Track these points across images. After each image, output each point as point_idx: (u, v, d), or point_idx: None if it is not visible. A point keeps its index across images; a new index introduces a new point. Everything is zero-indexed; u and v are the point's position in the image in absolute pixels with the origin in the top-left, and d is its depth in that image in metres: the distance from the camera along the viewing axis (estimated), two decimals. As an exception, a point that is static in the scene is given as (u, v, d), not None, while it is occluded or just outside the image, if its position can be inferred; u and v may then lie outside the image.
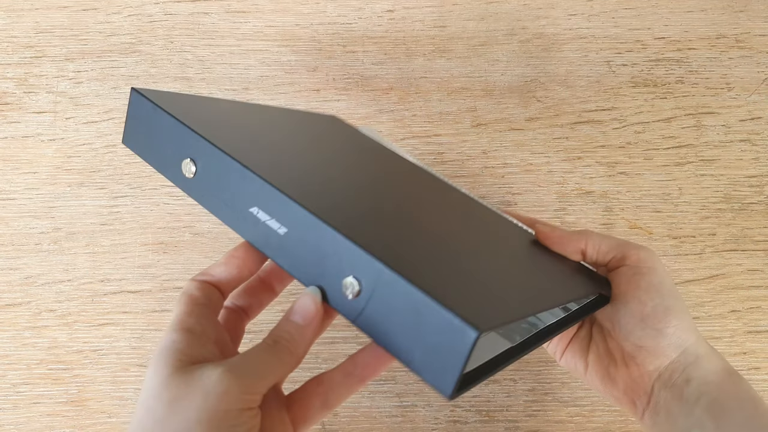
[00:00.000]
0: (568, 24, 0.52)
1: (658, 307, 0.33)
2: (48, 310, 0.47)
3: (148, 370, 0.27)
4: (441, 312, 0.22)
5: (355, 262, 0.25)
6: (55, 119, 0.51)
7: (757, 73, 0.52)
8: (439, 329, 0.22)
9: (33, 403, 0.46)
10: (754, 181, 0.49)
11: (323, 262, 0.26)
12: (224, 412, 0.25)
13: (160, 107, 0.30)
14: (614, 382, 0.35)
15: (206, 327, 0.29)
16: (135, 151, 0.32)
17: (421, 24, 0.53)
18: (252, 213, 0.28)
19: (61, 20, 0.53)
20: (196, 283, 0.30)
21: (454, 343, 0.22)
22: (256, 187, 0.27)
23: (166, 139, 0.30)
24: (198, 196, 0.29)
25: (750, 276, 0.48)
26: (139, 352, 0.46)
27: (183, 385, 0.25)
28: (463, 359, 0.22)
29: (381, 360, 0.29)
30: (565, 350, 0.37)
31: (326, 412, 0.30)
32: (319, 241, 0.26)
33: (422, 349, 0.23)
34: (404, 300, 0.23)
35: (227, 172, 0.28)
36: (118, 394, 0.46)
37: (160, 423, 0.25)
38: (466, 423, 0.45)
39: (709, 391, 0.31)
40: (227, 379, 0.25)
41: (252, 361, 0.27)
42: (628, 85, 0.51)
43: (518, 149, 0.50)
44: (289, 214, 0.27)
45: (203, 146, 0.29)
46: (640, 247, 0.35)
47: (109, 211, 0.49)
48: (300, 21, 0.53)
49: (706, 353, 0.33)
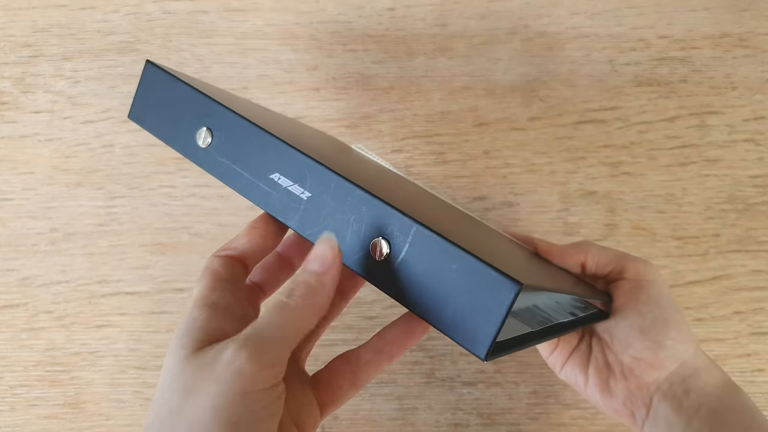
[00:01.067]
0: (570, 23, 0.52)
1: (657, 319, 0.33)
2: (45, 311, 0.47)
3: (167, 354, 0.24)
4: (480, 267, 0.22)
5: (385, 222, 0.24)
6: (53, 119, 0.51)
7: (761, 72, 0.51)
8: (477, 285, 0.22)
9: (30, 406, 0.45)
10: (758, 181, 0.49)
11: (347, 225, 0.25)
12: (241, 395, 0.22)
13: (178, 78, 0.30)
14: (613, 395, 0.35)
15: (230, 302, 0.27)
16: (141, 124, 0.32)
17: (422, 22, 0.52)
18: (273, 179, 0.27)
19: (58, 19, 0.52)
20: (219, 259, 0.28)
21: (494, 298, 0.21)
22: (279, 153, 0.27)
23: (181, 110, 0.30)
24: (211, 166, 0.29)
25: (754, 277, 0.47)
26: (136, 354, 0.46)
27: (197, 369, 0.23)
28: (502, 314, 0.21)
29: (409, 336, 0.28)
30: (564, 364, 0.37)
31: (354, 392, 0.29)
32: (345, 203, 0.25)
33: (456, 309, 0.22)
34: (438, 258, 0.23)
35: (247, 139, 0.28)
36: (116, 396, 0.45)
37: (174, 414, 0.22)
38: (468, 426, 0.44)
39: (708, 403, 0.32)
40: (241, 355, 0.22)
41: (265, 326, 0.24)
42: (631, 84, 0.51)
43: (520, 149, 0.50)
44: (314, 177, 0.26)
45: (223, 114, 0.29)
46: (638, 259, 0.35)
47: (106, 211, 0.49)
48: (299, 19, 0.52)
49: (705, 365, 0.33)
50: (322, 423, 0.45)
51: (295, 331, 0.24)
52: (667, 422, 0.32)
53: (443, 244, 0.23)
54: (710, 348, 0.46)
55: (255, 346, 0.23)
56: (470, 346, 0.22)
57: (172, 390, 0.23)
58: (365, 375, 0.29)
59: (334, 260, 0.25)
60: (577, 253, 0.36)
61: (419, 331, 0.29)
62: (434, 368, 0.46)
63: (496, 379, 0.45)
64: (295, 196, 0.27)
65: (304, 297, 0.24)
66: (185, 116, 0.30)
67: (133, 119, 0.32)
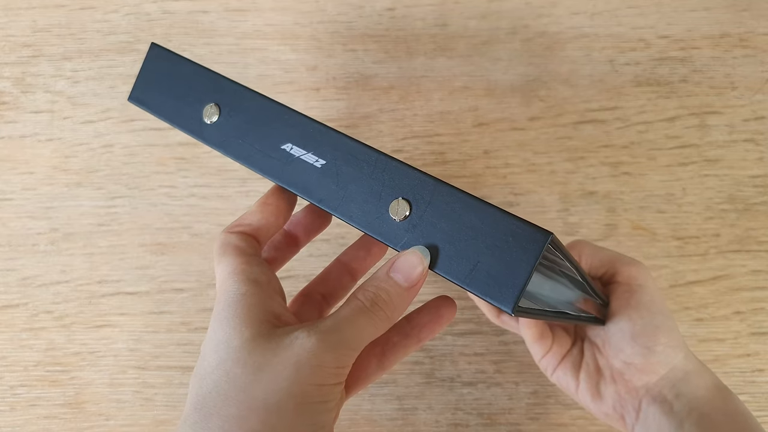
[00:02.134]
0: (570, 22, 0.52)
1: (648, 325, 0.33)
2: (45, 311, 0.47)
3: (221, 326, 0.24)
4: (508, 220, 0.22)
5: (405, 184, 0.24)
6: (53, 119, 0.51)
7: (761, 72, 0.51)
8: (504, 239, 0.22)
9: (30, 406, 0.45)
10: (758, 182, 0.49)
11: (364, 189, 0.25)
12: (317, 386, 0.22)
13: (184, 57, 0.31)
14: (603, 399, 0.35)
15: (270, 277, 0.27)
16: (142, 106, 0.32)
17: (422, 22, 0.52)
18: (285, 150, 0.27)
19: (58, 19, 0.52)
20: (237, 235, 0.28)
21: (522, 249, 0.21)
22: (290, 122, 0.27)
23: (186, 88, 0.30)
24: (218, 142, 0.29)
25: (754, 277, 0.47)
26: (136, 354, 0.46)
27: (270, 352, 0.23)
28: (531, 264, 0.21)
29: (438, 320, 0.28)
30: (557, 367, 0.37)
31: (381, 374, 0.29)
32: (360, 168, 0.25)
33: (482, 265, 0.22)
34: (461, 216, 0.23)
35: (257, 111, 0.28)
36: (116, 396, 0.45)
37: (245, 393, 0.22)
38: (468, 426, 0.44)
39: (699, 407, 0.31)
40: (322, 350, 0.23)
41: (348, 327, 0.24)
42: (631, 84, 0.51)
43: (520, 149, 0.50)
44: (326, 143, 0.26)
45: (231, 88, 0.29)
46: (631, 262, 0.35)
47: (106, 211, 0.49)
48: (299, 19, 0.52)
49: (696, 369, 0.33)
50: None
51: (369, 338, 0.24)
52: (657, 426, 0.32)
53: (467, 200, 0.23)
54: (710, 348, 0.46)
55: (337, 343, 0.23)
56: (498, 301, 0.22)
57: (241, 367, 0.23)
58: (393, 357, 0.29)
59: (420, 278, 0.24)
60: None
61: (447, 315, 0.29)
62: (434, 368, 0.46)
63: (496, 379, 0.45)
64: (309, 164, 0.27)
65: (385, 309, 0.24)
66: (191, 94, 0.30)
67: (134, 101, 0.32)
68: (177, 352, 0.46)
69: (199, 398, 0.23)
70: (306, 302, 0.33)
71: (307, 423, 0.22)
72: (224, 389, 0.23)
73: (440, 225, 0.23)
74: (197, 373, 0.24)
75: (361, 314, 0.24)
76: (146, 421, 0.45)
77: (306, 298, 0.33)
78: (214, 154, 0.50)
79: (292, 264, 0.47)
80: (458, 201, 0.23)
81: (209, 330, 0.25)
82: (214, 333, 0.24)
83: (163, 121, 0.32)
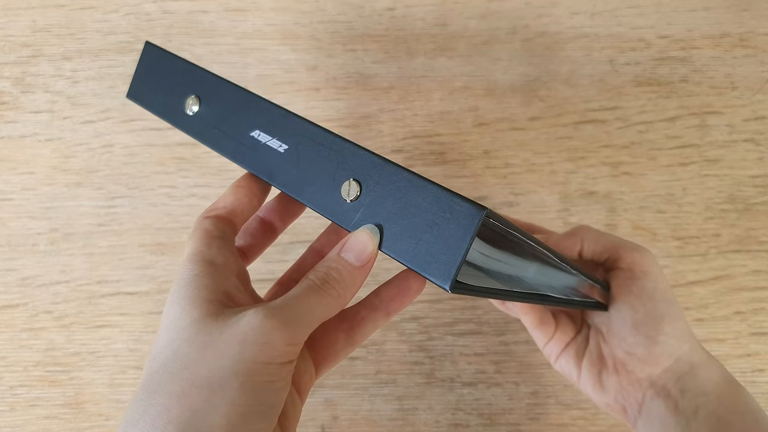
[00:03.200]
0: (570, 22, 0.52)
1: (650, 314, 0.32)
2: (45, 311, 0.47)
3: (172, 307, 0.24)
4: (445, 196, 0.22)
5: (356, 165, 0.25)
6: (53, 119, 0.51)
7: (761, 72, 0.51)
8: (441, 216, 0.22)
9: (30, 406, 0.45)
10: (758, 181, 0.49)
11: (320, 172, 0.26)
12: (264, 365, 0.22)
13: (173, 54, 0.33)
14: (605, 389, 0.34)
15: (228, 258, 0.26)
16: (139, 103, 0.34)
17: (422, 22, 0.52)
18: (253, 137, 0.29)
19: (58, 19, 0.52)
20: (209, 219, 0.28)
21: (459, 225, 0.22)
22: (257, 108, 0.29)
23: (172, 82, 0.32)
24: (197, 132, 0.31)
25: (754, 277, 0.47)
26: (136, 354, 0.46)
27: (218, 330, 0.23)
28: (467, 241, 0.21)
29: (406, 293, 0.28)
30: (560, 355, 0.37)
31: (350, 349, 0.29)
32: (317, 151, 0.26)
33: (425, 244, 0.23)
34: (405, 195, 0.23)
35: (230, 100, 0.29)
36: (116, 396, 0.45)
37: (189, 370, 0.22)
38: (468, 426, 0.44)
39: (706, 404, 0.30)
40: (270, 327, 0.22)
41: (297, 305, 0.24)
42: (631, 84, 0.51)
43: (520, 149, 0.50)
44: (288, 128, 0.27)
45: (208, 79, 0.30)
46: (635, 248, 0.34)
47: (106, 211, 0.49)
48: (299, 19, 0.52)
49: (702, 362, 0.32)
50: (322, 423, 0.45)
51: (320, 316, 0.24)
52: (662, 422, 0.31)
53: (411, 178, 0.23)
54: (710, 348, 0.46)
55: (287, 321, 0.23)
56: (435, 278, 0.22)
57: (188, 346, 0.23)
58: (362, 331, 0.29)
59: (370, 257, 0.24)
60: (573, 244, 0.35)
61: (415, 288, 0.28)
62: (434, 368, 0.46)
63: (496, 379, 0.45)
64: (274, 150, 0.28)
65: (336, 288, 0.24)
66: (176, 87, 0.32)
67: (131, 98, 0.34)
68: (177, 352, 0.46)
69: (147, 377, 0.23)
70: (280, 291, 0.32)
71: (251, 402, 0.22)
72: (170, 367, 0.23)
73: (387, 204, 0.24)
74: (149, 352, 0.24)
75: (311, 292, 0.24)
76: (146, 422, 0.45)
77: (281, 287, 0.32)
78: (213, 154, 0.49)
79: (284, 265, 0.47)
80: (403, 180, 0.24)
81: (164, 311, 0.25)
82: (166, 314, 0.24)
83: (154, 114, 0.33)
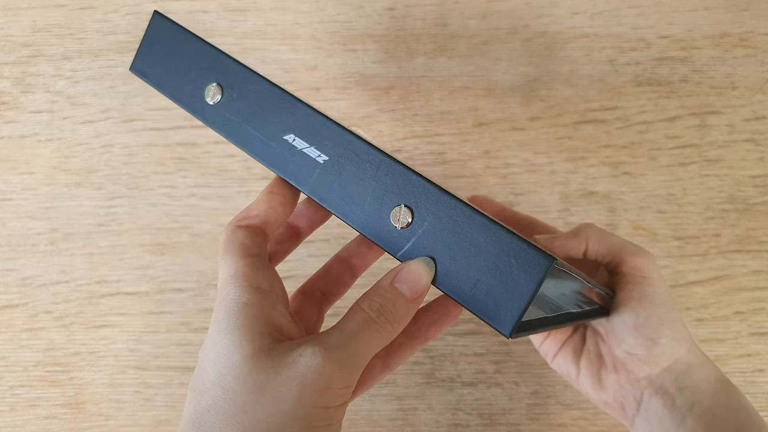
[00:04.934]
0: (571, 22, 0.52)
1: (651, 317, 0.32)
2: (45, 311, 0.47)
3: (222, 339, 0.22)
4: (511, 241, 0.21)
5: (409, 191, 0.23)
6: (52, 119, 0.51)
7: (761, 72, 0.51)
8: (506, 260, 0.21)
9: (30, 406, 0.45)
10: (758, 181, 0.49)
11: (366, 191, 0.24)
12: (323, 409, 0.21)
13: (188, 31, 0.29)
14: (604, 387, 0.34)
15: (273, 283, 0.25)
16: (144, 78, 0.30)
17: (423, 22, 0.52)
18: (287, 141, 0.26)
19: (58, 19, 0.52)
20: (244, 231, 0.26)
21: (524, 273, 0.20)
22: (295, 112, 0.26)
23: (189, 64, 0.29)
24: (219, 124, 0.28)
25: (755, 277, 0.47)
26: (136, 354, 0.46)
27: (273, 369, 0.21)
28: (532, 290, 0.20)
29: (445, 319, 0.28)
30: (557, 354, 0.37)
31: (386, 374, 0.29)
32: (364, 168, 0.24)
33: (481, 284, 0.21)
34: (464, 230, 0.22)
35: (261, 97, 0.27)
36: (116, 396, 0.45)
37: (245, 413, 0.21)
38: (468, 426, 0.44)
39: (701, 401, 0.31)
40: (330, 371, 0.21)
41: (355, 343, 0.22)
42: (631, 84, 0.51)
43: (520, 149, 0.50)
44: (329, 138, 0.25)
45: (236, 70, 0.27)
46: (637, 252, 0.34)
47: (106, 211, 0.49)
48: (299, 19, 0.52)
49: (699, 362, 0.33)
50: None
51: (374, 351, 0.23)
52: (659, 419, 0.32)
53: (471, 215, 0.22)
54: (711, 348, 0.46)
55: (345, 362, 0.22)
56: (496, 324, 0.21)
57: (241, 386, 0.21)
58: (398, 358, 0.28)
59: (424, 290, 0.23)
60: (578, 244, 0.35)
61: (455, 314, 0.28)
62: (434, 368, 0.46)
63: (496, 379, 0.45)
64: (311, 159, 0.26)
65: (392, 322, 0.23)
66: (193, 71, 0.29)
67: (135, 72, 0.31)
68: (177, 352, 0.46)
69: (197, 416, 0.22)
70: (305, 300, 0.32)
71: None
72: (223, 408, 0.21)
73: (442, 237, 0.22)
74: (195, 386, 0.23)
75: (367, 327, 0.23)
76: (146, 421, 0.45)
77: (305, 296, 0.32)
78: (213, 154, 0.49)
79: (292, 264, 0.47)
80: (462, 215, 0.22)
81: (208, 339, 0.24)
82: (213, 344, 0.23)
83: (166, 96, 0.30)
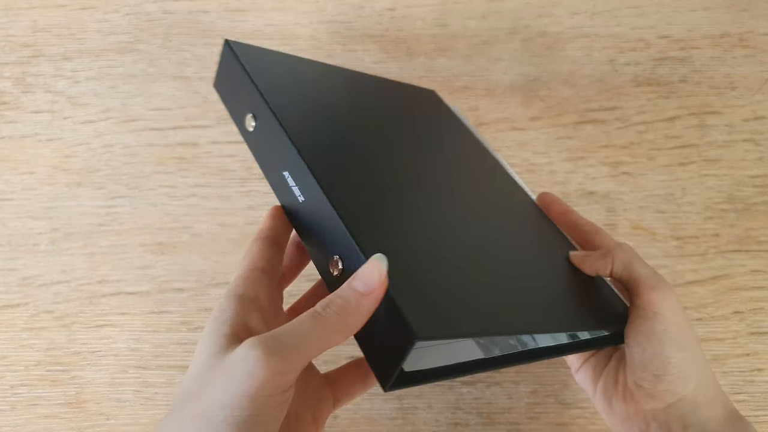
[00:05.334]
0: (570, 22, 0.52)
1: (657, 356, 0.32)
2: (46, 311, 0.47)
3: (200, 341, 0.25)
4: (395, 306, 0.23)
5: (342, 244, 0.26)
6: (53, 119, 0.51)
7: (760, 72, 0.51)
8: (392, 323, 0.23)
9: (31, 405, 0.45)
10: (758, 181, 0.49)
11: (324, 236, 0.27)
12: (249, 398, 0.22)
13: (238, 60, 0.31)
14: (614, 413, 0.35)
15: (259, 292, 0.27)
16: (220, 96, 0.33)
17: (422, 22, 0.52)
18: (284, 176, 0.29)
19: (58, 19, 0.52)
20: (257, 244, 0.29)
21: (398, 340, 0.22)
22: (290, 153, 0.28)
23: (240, 91, 0.31)
24: (254, 149, 0.31)
25: (753, 277, 0.47)
26: (137, 354, 0.46)
27: (218, 364, 0.23)
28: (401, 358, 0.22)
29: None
30: (579, 368, 0.38)
31: (366, 390, 0.32)
32: (322, 216, 0.27)
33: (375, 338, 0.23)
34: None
35: (274, 132, 0.29)
36: (117, 395, 0.45)
37: (191, 404, 0.23)
38: (467, 425, 0.45)
39: None
40: (254, 357, 0.22)
41: (287, 333, 0.23)
42: (631, 84, 0.51)
43: (520, 149, 0.50)
44: (307, 184, 0.27)
45: (260, 103, 0.30)
46: (655, 287, 0.33)
47: (107, 211, 0.49)
48: (299, 19, 0.52)
49: (707, 400, 0.33)
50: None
51: (318, 344, 0.24)
52: None
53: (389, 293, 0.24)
54: (709, 348, 0.46)
55: (274, 349, 0.22)
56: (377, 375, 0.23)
57: (198, 380, 0.24)
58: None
59: (379, 285, 0.24)
60: (605, 265, 0.35)
61: None
62: (434, 368, 0.46)
63: (495, 378, 0.45)
64: (295, 197, 0.28)
65: (337, 313, 0.24)
66: (241, 97, 0.31)
67: (217, 90, 0.34)
68: (177, 351, 0.46)
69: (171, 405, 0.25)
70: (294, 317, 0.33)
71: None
72: (182, 399, 0.24)
73: None
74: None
75: (308, 319, 0.24)
76: (147, 421, 0.45)
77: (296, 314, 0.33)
78: (213, 154, 0.50)
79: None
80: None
81: None
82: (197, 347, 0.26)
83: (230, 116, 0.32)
